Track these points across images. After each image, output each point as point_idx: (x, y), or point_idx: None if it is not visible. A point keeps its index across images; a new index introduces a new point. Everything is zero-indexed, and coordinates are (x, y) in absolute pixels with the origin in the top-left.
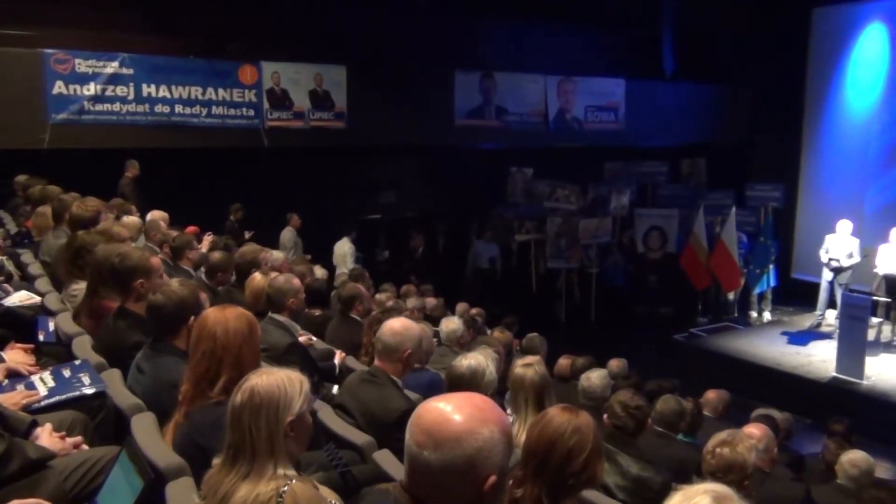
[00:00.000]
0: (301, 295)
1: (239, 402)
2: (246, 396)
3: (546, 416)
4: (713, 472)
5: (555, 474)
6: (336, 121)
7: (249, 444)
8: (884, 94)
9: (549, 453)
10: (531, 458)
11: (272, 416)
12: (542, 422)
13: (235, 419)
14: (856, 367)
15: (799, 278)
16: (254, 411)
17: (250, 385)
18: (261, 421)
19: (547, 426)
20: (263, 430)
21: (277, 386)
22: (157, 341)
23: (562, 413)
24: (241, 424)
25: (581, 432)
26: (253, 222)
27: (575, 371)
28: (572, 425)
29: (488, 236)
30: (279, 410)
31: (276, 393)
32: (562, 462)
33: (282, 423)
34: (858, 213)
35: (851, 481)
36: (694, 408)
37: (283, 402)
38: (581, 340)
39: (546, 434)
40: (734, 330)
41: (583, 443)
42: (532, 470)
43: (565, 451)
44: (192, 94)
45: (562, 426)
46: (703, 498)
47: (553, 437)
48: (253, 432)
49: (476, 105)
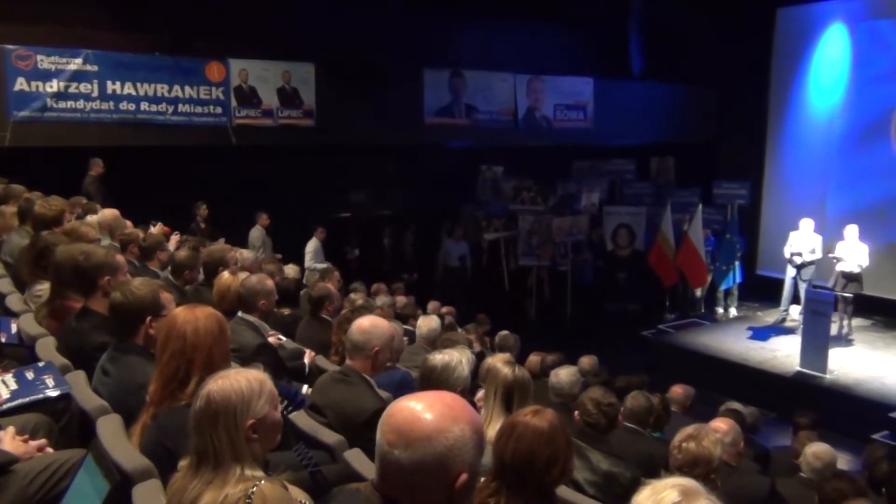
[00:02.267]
0: (273, 297)
1: (197, 410)
2: (203, 403)
3: (516, 427)
4: (680, 466)
5: (534, 486)
6: (305, 119)
7: (212, 450)
8: (845, 95)
9: (526, 468)
10: (507, 472)
11: (230, 422)
12: (513, 434)
13: (196, 426)
14: (819, 361)
15: (764, 275)
16: (211, 419)
17: (206, 392)
18: (219, 428)
19: (521, 440)
20: (223, 437)
21: (234, 391)
22: (122, 342)
23: (531, 422)
24: (201, 432)
25: (554, 440)
26: (221, 221)
27: (545, 368)
28: (545, 436)
29: (458, 235)
30: (237, 416)
31: (233, 398)
32: (540, 474)
33: (241, 429)
34: (820, 210)
35: (814, 473)
36: (661, 403)
37: (241, 406)
38: (551, 337)
39: (521, 450)
40: (701, 326)
41: (557, 450)
42: (509, 484)
43: (542, 464)
44: (158, 91)
45: (535, 440)
46: (671, 492)
47: (529, 453)
48: (213, 439)
49: (445, 103)
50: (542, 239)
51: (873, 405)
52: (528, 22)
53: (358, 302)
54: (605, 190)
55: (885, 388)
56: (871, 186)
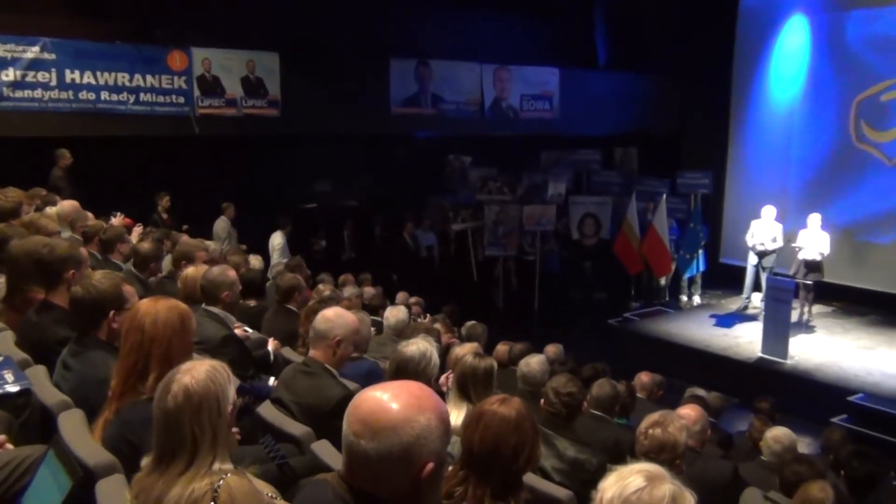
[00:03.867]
0: (236, 287)
1: (174, 406)
2: (181, 399)
3: (483, 415)
4: (646, 452)
5: (502, 474)
6: (269, 108)
7: (191, 443)
8: (805, 86)
9: (494, 457)
10: (474, 460)
11: (213, 411)
12: (480, 423)
13: (173, 424)
14: (780, 347)
15: (726, 263)
16: (195, 412)
17: (182, 386)
18: (203, 419)
19: (487, 429)
20: (208, 428)
21: (211, 380)
22: (83, 336)
23: (498, 410)
24: (180, 428)
25: (521, 428)
26: (185, 213)
27: (513, 357)
28: (512, 424)
29: (426, 225)
30: (220, 403)
31: (213, 387)
32: (508, 462)
33: (224, 416)
34: (782, 199)
35: (775, 456)
36: (627, 390)
37: (221, 394)
38: (519, 327)
39: (489, 438)
40: (665, 314)
41: (524, 438)
42: (476, 472)
43: (510, 452)
44: (119, 80)
45: (502, 429)
46: (637, 478)
47: (496, 441)
48: (196, 432)
49: (412, 93)
50: (509, 229)
51: (832, 389)
52: (494, 12)
53: (325, 293)
54: (571, 180)
55: (843, 373)
56: (831, 176)
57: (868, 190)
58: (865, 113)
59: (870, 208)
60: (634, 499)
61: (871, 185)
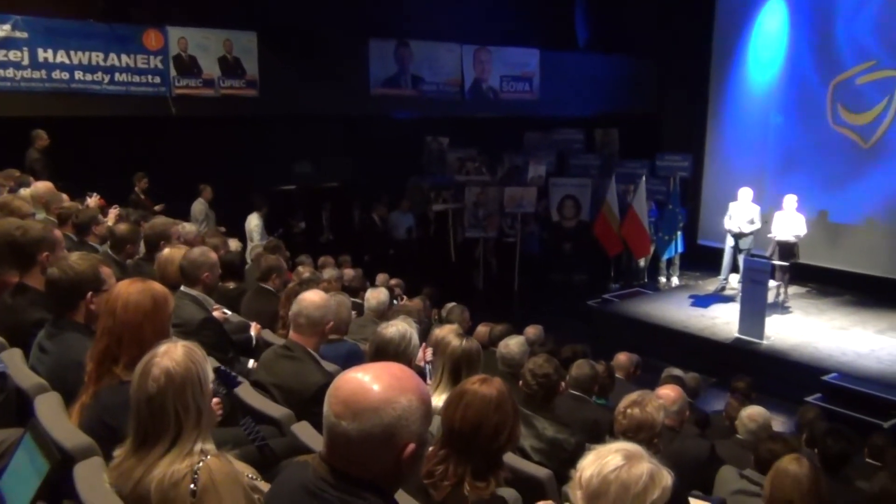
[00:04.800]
0: (216, 269)
1: (157, 389)
2: (163, 381)
3: (464, 394)
4: (624, 431)
5: (483, 453)
6: (247, 89)
7: (175, 424)
8: (783, 68)
9: (474, 435)
10: (455, 439)
11: (197, 391)
12: (461, 402)
13: (157, 407)
14: (756, 328)
15: (704, 244)
16: (179, 393)
17: (163, 369)
18: (188, 399)
19: (469, 408)
20: (192, 406)
21: (190, 360)
22: (60, 318)
23: (479, 390)
24: (164, 410)
25: (502, 408)
26: (163, 194)
27: (493, 338)
28: (493, 403)
29: (405, 206)
30: (202, 382)
31: (193, 367)
32: (488, 441)
33: (206, 394)
34: (759, 181)
35: (750, 435)
36: (606, 371)
37: (202, 373)
38: (499, 308)
39: (470, 417)
40: (644, 295)
41: (504, 417)
42: (457, 451)
43: (491, 431)
44: (93, 59)
45: (483, 407)
46: (615, 456)
47: (477, 420)
48: (180, 413)
49: (392, 74)
50: (489, 211)
51: (807, 369)
52: None
53: (305, 275)
54: (553, 162)
55: (818, 353)
56: (807, 158)
57: (844, 172)
58: (842, 95)
59: (845, 190)
60: (612, 477)
61: (847, 167)
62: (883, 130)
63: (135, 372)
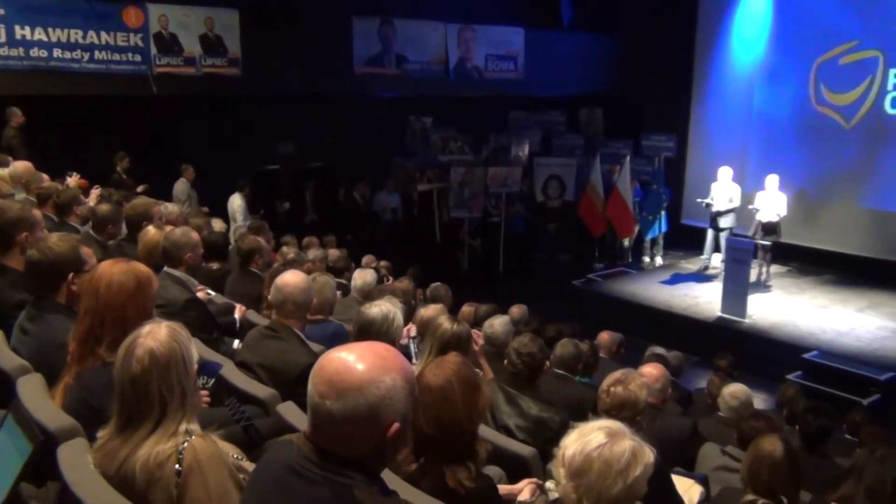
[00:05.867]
0: (199, 249)
1: (141, 370)
2: (148, 362)
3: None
4: (608, 409)
5: (451, 444)
6: (230, 67)
7: (160, 405)
8: (767, 48)
9: (439, 433)
10: (423, 442)
11: (181, 371)
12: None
13: (141, 387)
14: (739, 306)
15: (688, 224)
16: (163, 374)
17: (147, 350)
18: (172, 380)
19: (425, 409)
20: (176, 388)
21: (174, 341)
22: (41, 299)
23: (427, 382)
24: (148, 391)
25: (449, 397)
26: (144, 174)
27: (478, 318)
28: (441, 395)
29: (390, 186)
30: (186, 363)
31: (177, 348)
32: (455, 433)
33: (191, 375)
34: (742, 161)
35: (732, 412)
36: (590, 349)
37: (186, 353)
38: (483, 288)
39: (427, 418)
40: (628, 274)
41: (454, 405)
42: (429, 450)
43: (449, 424)
44: (72, 37)
45: (433, 404)
46: (598, 434)
47: (434, 419)
48: (165, 393)
49: (375, 52)
50: (474, 191)
51: (788, 347)
52: None
53: (289, 255)
54: (538, 142)
55: (798, 332)
56: (790, 138)
57: (825, 152)
58: (825, 75)
59: (826, 170)
60: (595, 455)
61: (829, 147)
62: (865, 111)
63: (118, 352)
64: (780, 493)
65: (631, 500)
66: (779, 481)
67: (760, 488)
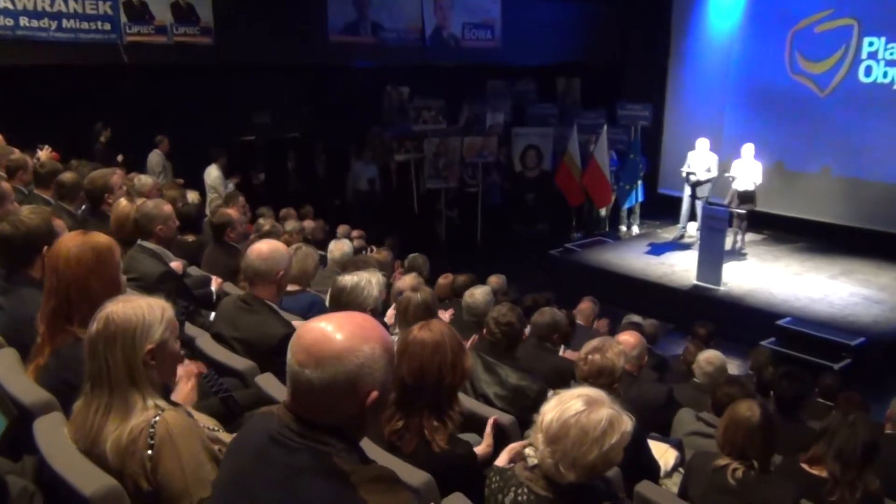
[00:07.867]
0: (171, 222)
1: (94, 332)
2: (101, 325)
3: (408, 345)
4: (586, 377)
5: (433, 395)
6: (202, 36)
7: (106, 374)
8: (743, 16)
9: (421, 382)
10: (406, 391)
11: (128, 344)
12: (406, 353)
13: (92, 349)
14: (714, 274)
15: (664, 193)
16: (109, 340)
17: (105, 314)
18: (116, 350)
19: (413, 358)
20: (120, 360)
21: (135, 313)
22: (13, 273)
23: (416, 337)
24: (96, 355)
25: (440, 348)
26: (118, 145)
27: (455, 289)
28: (429, 346)
29: (367, 157)
30: (136, 339)
31: (133, 320)
32: (435, 383)
33: (139, 351)
34: (718, 130)
35: (707, 378)
36: (567, 318)
37: (141, 329)
38: (462, 258)
39: (413, 367)
40: (605, 244)
41: (444, 356)
42: (410, 401)
43: (434, 372)
44: (38, 5)
45: (421, 353)
46: (576, 402)
47: (419, 367)
48: (109, 362)
49: (350, 20)
50: (449, 161)
51: (762, 314)
52: None
53: (265, 227)
54: (509, 112)
55: (773, 299)
56: (765, 107)
57: (800, 120)
58: (800, 44)
59: (801, 138)
60: (573, 422)
61: (804, 116)
62: (839, 79)
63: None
64: (752, 457)
65: (607, 466)
66: (754, 446)
67: (734, 452)
